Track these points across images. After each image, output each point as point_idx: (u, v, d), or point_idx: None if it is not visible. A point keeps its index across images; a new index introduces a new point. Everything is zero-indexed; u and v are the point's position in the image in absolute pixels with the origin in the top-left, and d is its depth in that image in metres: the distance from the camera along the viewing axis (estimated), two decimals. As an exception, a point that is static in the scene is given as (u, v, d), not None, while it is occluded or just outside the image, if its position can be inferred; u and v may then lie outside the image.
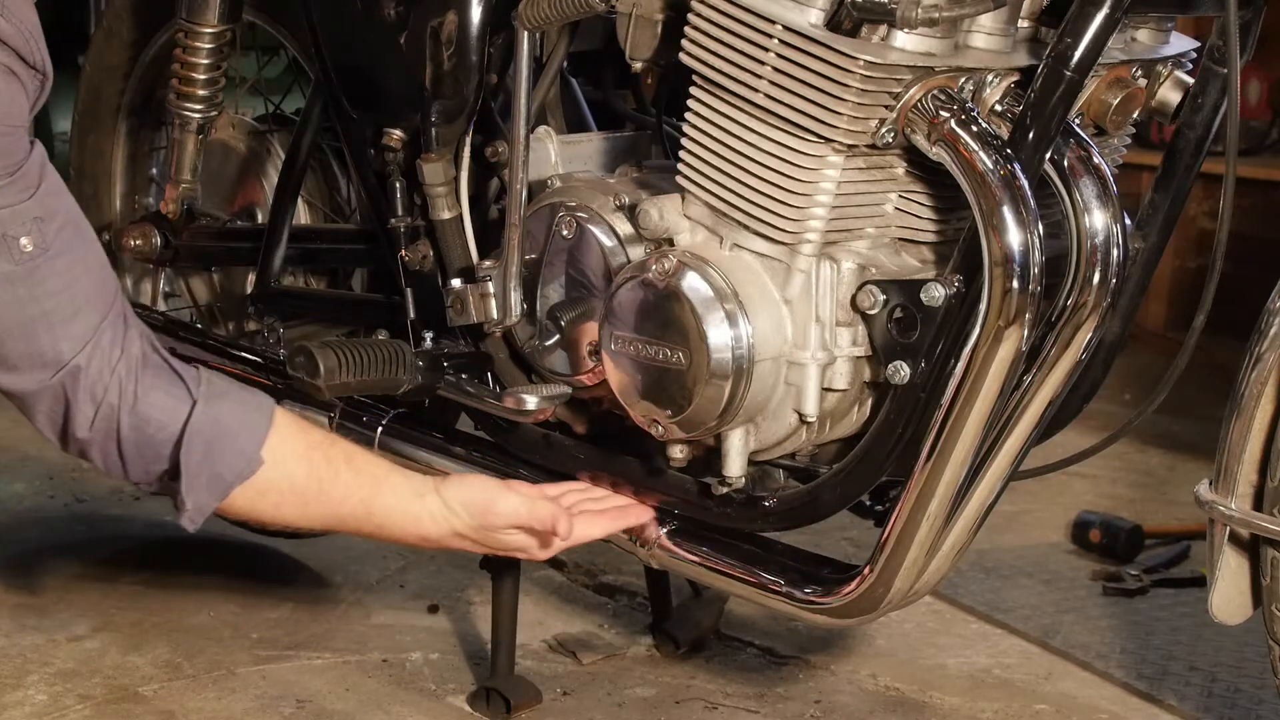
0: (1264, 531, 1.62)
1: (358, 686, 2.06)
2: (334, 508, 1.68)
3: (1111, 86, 1.67)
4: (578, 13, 1.77)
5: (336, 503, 1.67)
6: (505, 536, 1.75)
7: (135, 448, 1.60)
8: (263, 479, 1.63)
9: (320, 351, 1.85)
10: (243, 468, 1.62)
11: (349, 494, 1.67)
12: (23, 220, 1.50)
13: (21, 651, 2.13)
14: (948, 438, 1.60)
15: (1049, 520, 2.73)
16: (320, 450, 1.68)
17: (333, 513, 1.68)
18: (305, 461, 1.66)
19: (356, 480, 1.68)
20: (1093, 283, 1.59)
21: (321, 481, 1.66)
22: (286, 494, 1.65)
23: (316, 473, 1.66)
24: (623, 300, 1.72)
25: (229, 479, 1.62)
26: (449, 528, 1.72)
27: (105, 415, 1.58)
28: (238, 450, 1.62)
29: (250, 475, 1.62)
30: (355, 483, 1.68)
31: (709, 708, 2.03)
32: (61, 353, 1.56)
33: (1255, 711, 2.06)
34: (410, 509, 1.70)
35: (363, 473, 1.69)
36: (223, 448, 1.61)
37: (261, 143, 2.38)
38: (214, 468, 1.61)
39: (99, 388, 1.57)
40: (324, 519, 1.69)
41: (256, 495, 1.64)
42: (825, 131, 1.59)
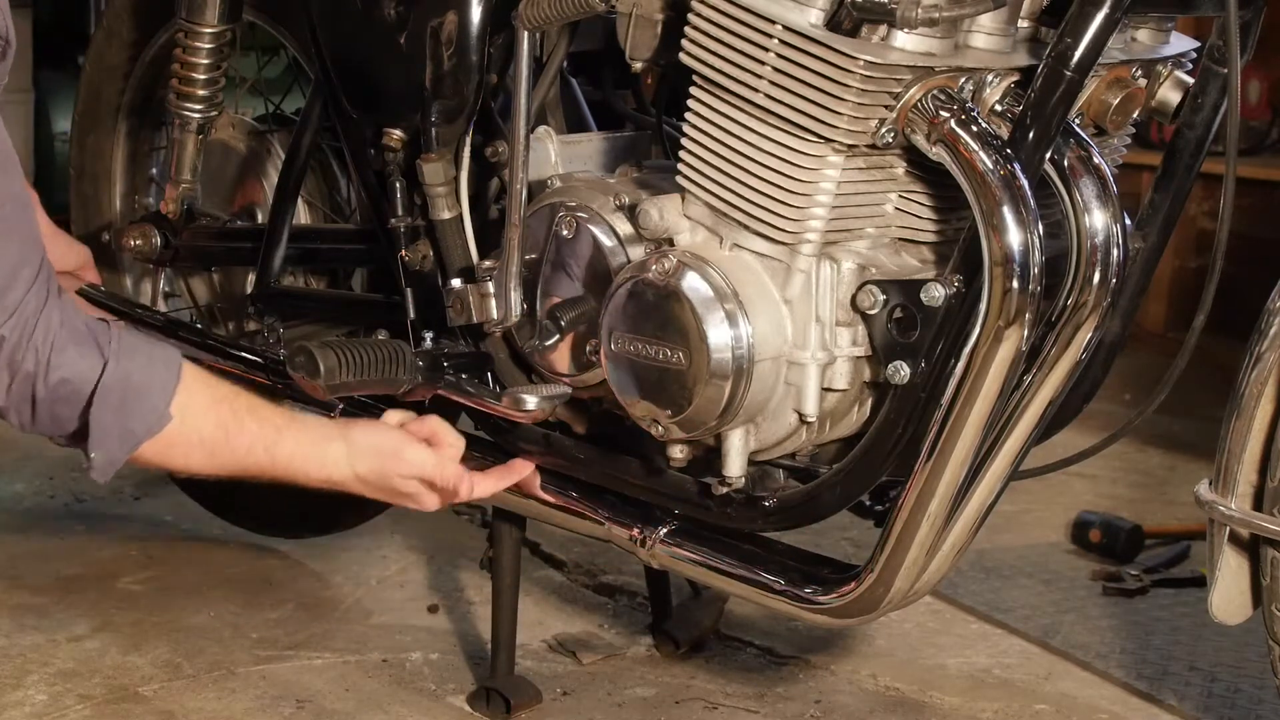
0: (1264, 531, 1.62)
1: (358, 686, 2.06)
2: (239, 457, 1.73)
3: (1111, 86, 1.67)
4: (578, 13, 1.77)
5: (242, 452, 1.73)
6: (404, 485, 1.80)
7: (49, 407, 1.64)
8: (171, 432, 1.68)
9: (320, 351, 1.85)
10: (153, 423, 1.67)
11: (254, 443, 1.73)
12: None
13: (21, 651, 2.13)
14: (948, 438, 1.60)
15: (1049, 520, 2.73)
16: (226, 403, 1.73)
17: (238, 462, 1.74)
18: (212, 414, 1.72)
19: (260, 429, 1.73)
20: (1093, 283, 1.59)
21: (228, 432, 1.72)
22: (194, 446, 1.71)
23: (223, 424, 1.72)
24: (623, 300, 1.71)
25: (139, 434, 1.67)
26: (351, 471, 1.77)
27: (22, 381, 1.62)
28: (149, 407, 1.67)
29: (159, 430, 1.67)
30: (259, 432, 1.73)
31: (709, 708, 2.03)
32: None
33: (1255, 711, 2.06)
34: (314, 453, 1.77)
35: (266, 422, 1.75)
36: (133, 404, 1.66)
37: (261, 143, 2.38)
38: (125, 423, 1.66)
39: (17, 355, 1.60)
40: (230, 467, 1.75)
41: (165, 448, 1.69)
42: (825, 131, 1.59)
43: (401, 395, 1.92)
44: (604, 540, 1.90)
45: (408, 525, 2.61)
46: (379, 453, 1.78)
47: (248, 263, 2.29)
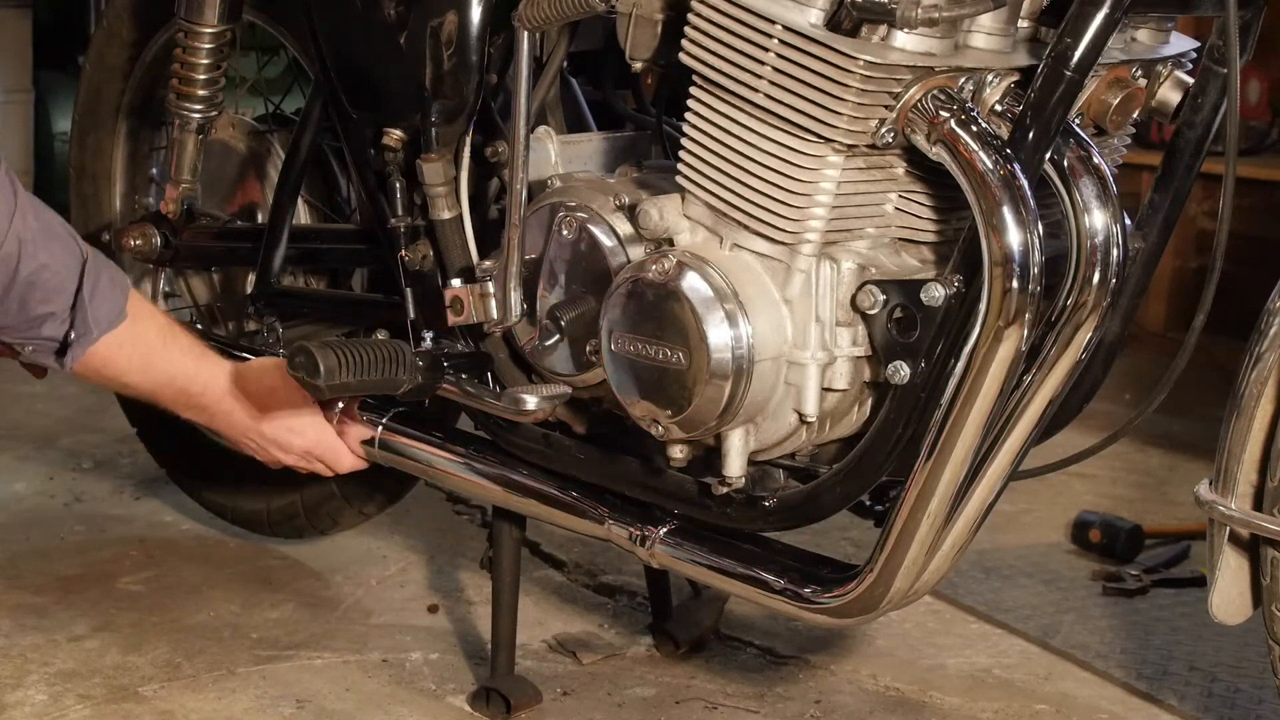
0: (1264, 531, 1.62)
1: (358, 686, 2.06)
2: (171, 366, 1.87)
3: (1111, 86, 1.67)
4: (578, 13, 1.77)
5: (174, 361, 1.87)
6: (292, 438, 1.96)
7: (23, 291, 1.75)
8: (124, 332, 1.82)
9: (320, 351, 1.84)
10: (114, 315, 1.80)
11: (186, 355, 1.88)
12: None
13: (21, 651, 2.13)
14: (948, 438, 1.60)
15: (1049, 520, 2.73)
16: (163, 317, 1.90)
17: (167, 371, 1.87)
18: (154, 320, 1.87)
19: (191, 344, 1.90)
20: (1093, 283, 1.59)
21: (165, 340, 1.87)
22: (139, 349, 1.84)
23: (162, 331, 1.87)
24: (622, 300, 1.72)
25: (102, 324, 1.79)
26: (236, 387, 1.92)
27: (2, 263, 1.72)
28: (113, 300, 1.81)
29: (118, 325, 1.81)
30: (190, 346, 1.89)
31: (709, 708, 2.03)
32: None
33: (1255, 711, 2.06)
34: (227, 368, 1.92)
35: (196, 342, 1.91)
36: (102, 295, 1.79)
37: (261, 143, 2.38)
38: (94, 313, 1.79)
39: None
40: (158, 379, 1.88)
41: (115, 347, 1.81)
42: (825, 131, 1.59)
43: (401, 395, 1.92)
44: (604, 540, 1.90)
45: (408, 525, 2.61)
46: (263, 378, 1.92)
47: (248, 263, 2.29)
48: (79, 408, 3.15)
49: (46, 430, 3.07)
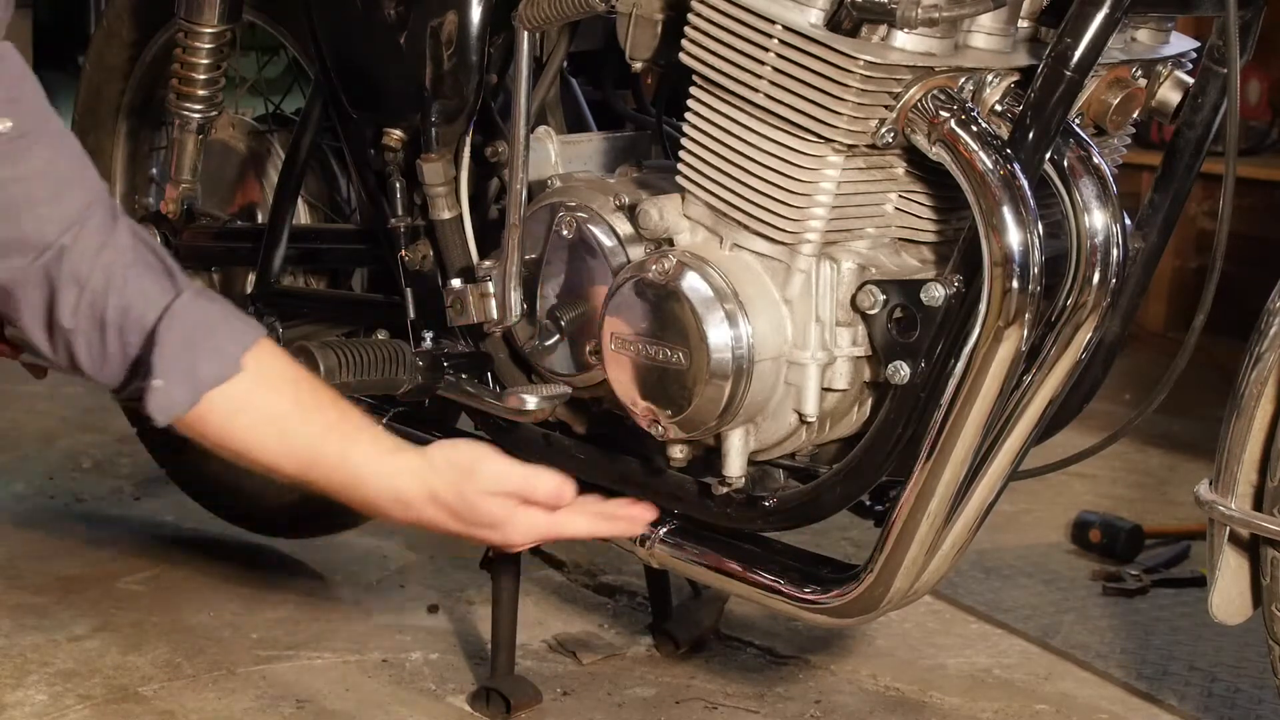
0: (1264, 531, 1.62)
1: (358, 686, 2.06)
2: (311, 443, 1.55)
3: (1111, 86, 1.67)
4: (578, 13, 1.77)
5: (314, 440, 1.55)
6: (488, 505, 1.59)
7: (118, 332, 1.51)
8: (242, 393, 1.52)
9: (320, 351, 1.85)
10: (219, 369, 1.51)
11: (329, 432, 1.55)
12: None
13: (21, 651, 2.13)
14: (948, 438, 1.60)
15: (1049, 520, 2.73)
16: (307, 383, 1.57)
17: (308, 448, 1.55)
18: (291, 386, 1.55)
19: (340, 420, 1.56)
20: (1093, 283, 1.59)
21: (305, 411, 1.55)
22: (263, 418, 1.53)
23: (301, 399, 1.55)
24: (623, 300, 1.72)
25: (205, 378, 1.51)
26: (426, 488, 1.57)
27: (90, 301, 1.50)
28: (216, 347, 1.52)
29: (227, 378, 1.51)
30: (339, 421, 1.56)
31: (709, 708, 2.03)
32: (45, 234, 1.50)
33: (1255, 711, 2.06)
34: (388, 461, 1.57)
35: (347, 416, 1.57)
36: (202, 341, 1.51)
37: (261, 143, 2.38)
38: (192, 359, 1.51)
39: (84, 270, 1.50)
40: (298, 456, 1.56)
41: (233, 411, 1.52)
42: (825, 131, 1.59)
43: (401, 395, 1.92)
44: (604, 540, 1.90)
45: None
46: (456, 466, 1.58)
47: (248, 263, 2.29)
48: (79, 408, 3.15)
49: (46, 430, 3.07)
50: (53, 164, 1.51)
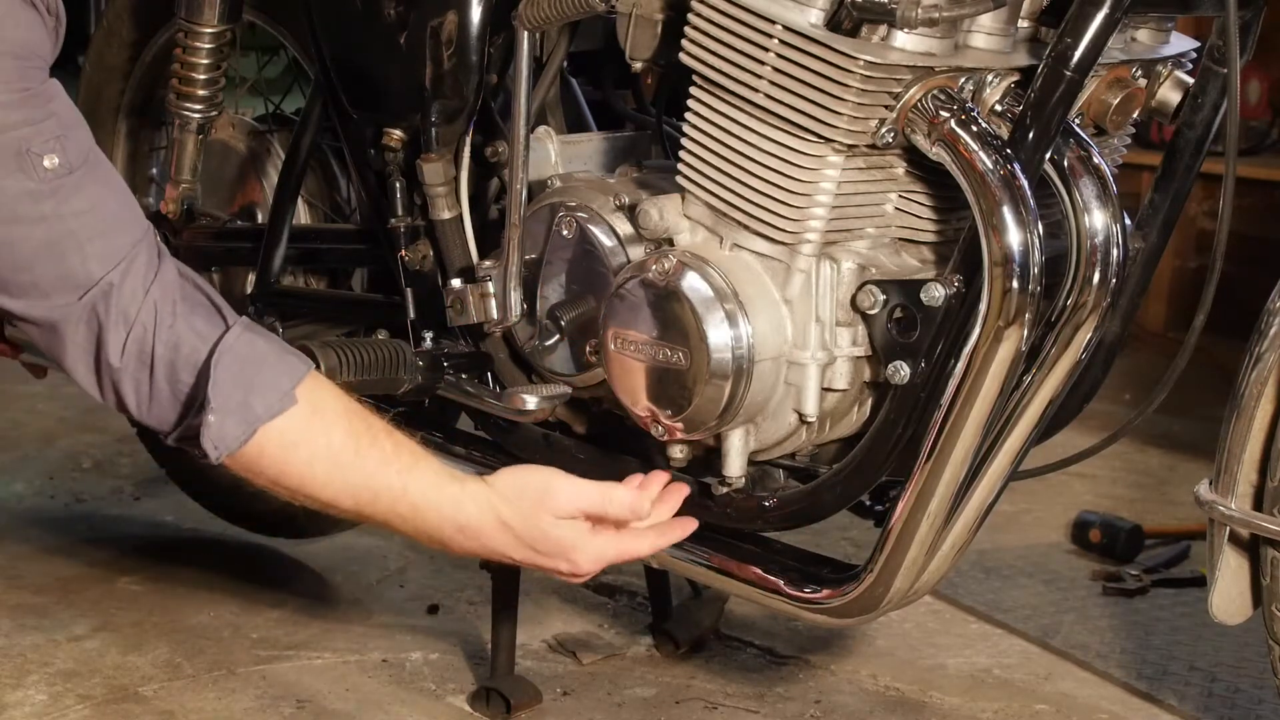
0: (1264, 531, 1.62)
1: (358, 686, 2.06)
2: (368, 477, 1.54)
3: (1111, 86, 1.67)
4: (578, 13, 1.77)
5: (371, 472, 1.54)
6: (557, 530, 1.58)
7: (168, 370, 1.50)
8: (297, 427, 1.51)
9: (320, 351, 1.85)
10: (274, 402, 1.50)
11: (387, 464, 1.54)
12: (45, 138, 1.47)
13: (21, 651, 2.13)
14: (948, 438, 1.60)
15: (1049, 520, 2.73)
16: (360, 415, 1.56)
17: (366, 483, 1.54)
18: (344, 419, 1.54)
19: (396, 451, 1.55)
20: (1093, 283, 1.59)
21: (359, 443, 1.53)
22: (321, 451, 1.52)
23: (355, 432, 1.54)
24: (623, 300, 1.71)
25: (259, 410, 1.50)
26: (493, 515, 1.56)
27: (138, 338, 1.49)
28: (271, 382, 1.51)
29: (281, 412, 1.50)
30: (395, 453, 1.55)
31: (709, 708, 2.03)
32: (91, 271, 1.49)
33: (1255, 711, 2.06)
34: (450, 490, 1.56)
35: (402, 446, 1.56)
36: (256, 375, 1.50)
37: (261, 143, 2.38)
38: (245, 394, 1.50)
39: (132, 308, 1.49)
40: (355, 490, 1.54)
41: (289, 445, 1.51)
42: (825, 131, 1.59)
43: (401, 395, 1.92)
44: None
45: (408, 525, 2.61)
46: (524, 491, 1.57)
47: (248, 263, 2.29)
48: (79, 408, 3.15)
49: (46, 430, 3.07)
50: (100, 202, 1.51)
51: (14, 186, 1.46)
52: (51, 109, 1.49)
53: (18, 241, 1.47)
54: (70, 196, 1.49)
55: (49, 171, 1.47)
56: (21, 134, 1.46)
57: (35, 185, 1.47)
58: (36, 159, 1.46)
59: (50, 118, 1.48)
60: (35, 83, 1.48)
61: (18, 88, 1.45)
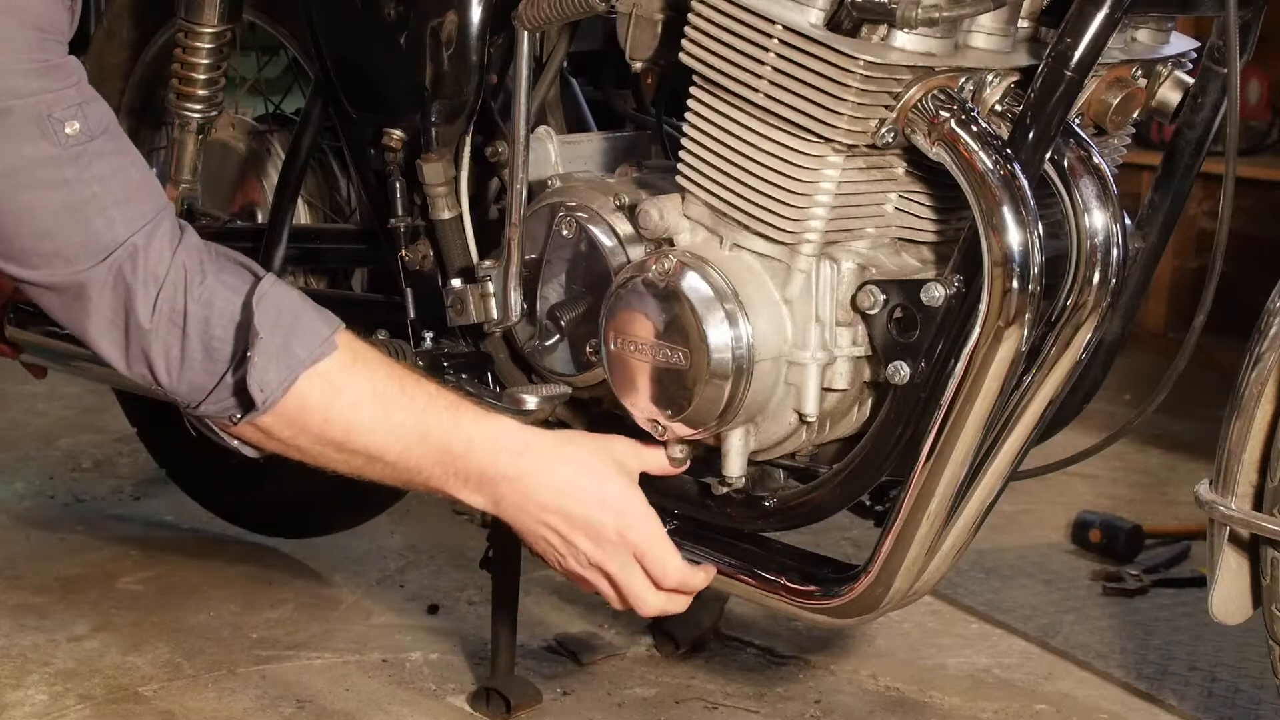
0: (1264, 531, 1.62)
1: (358, 686, 2.06)
2: (418, 414, 1.49)
3: (1111, 86, 1.67)
4: (578, 13, 1.77)
5: (421, 408, 1.49)
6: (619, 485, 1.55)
7: (202, 328, 1.47)
8: (340, 370, 1.47)
9: (320, 351, 1.84)
10: (315, 347, 1.47)
11: (435, 401, 1.50)
12: (66, 105, 1.47)
13: (22, 651, 2.13)
14: (948, 438, 1.60)
15: (1049, 520, 2.73)
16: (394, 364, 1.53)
17: (416, 421, 1.48)
18: (384, 364, 1.51)
19: (440, 390, 1.52)
20: (1093, 283, 1.59)
21: (405, 383, 1.50)
22: (366, 394, 1.47)
23: (397, 375, 1.51)
24: (622, 300, 1.71)
25: (301, 356, 1.46)
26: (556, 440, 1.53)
27: (169, 297, 1.46)
28: (310, 328, 1.48)
29: (325, 356, 1.47)
30: (439, 392, 1.52)
31: (709, 708, 2.03)
32: (117, 233, 1.47)
33: (1255, 711, 2.06)
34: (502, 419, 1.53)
35: (445, 388, 1.54)
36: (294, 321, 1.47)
37: (261, 143, 2.38)
38: (286, 338, 1.46)
39: (160, 268, 1.46)
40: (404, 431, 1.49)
41: (333, 391, 1.47)
42: (825, 131, 1.59)
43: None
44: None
45: (408, 525, 2.61)
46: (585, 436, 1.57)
47: (248, 263, 2.29)
48: (79, 408, 3.15)
49: (46, 430, 3.07)
50: (122, 169, 1.50)
51: (35, 152, 1.45)
52: (72, 80, 1.49)
53: (39, 208, 1.46)
54: (93, 162, 1.47)
55: (70, 138, 1.46)
56: (43, 99, 1.45)
57: (57, 151, 1.45)
58: (58, 124, 1.45)
59: (70, 87, 1.48)
60: (55, 55, 1.48)
61: (38, 58, 1.46)
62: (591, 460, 1.55)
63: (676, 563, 1.55)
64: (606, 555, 1.55)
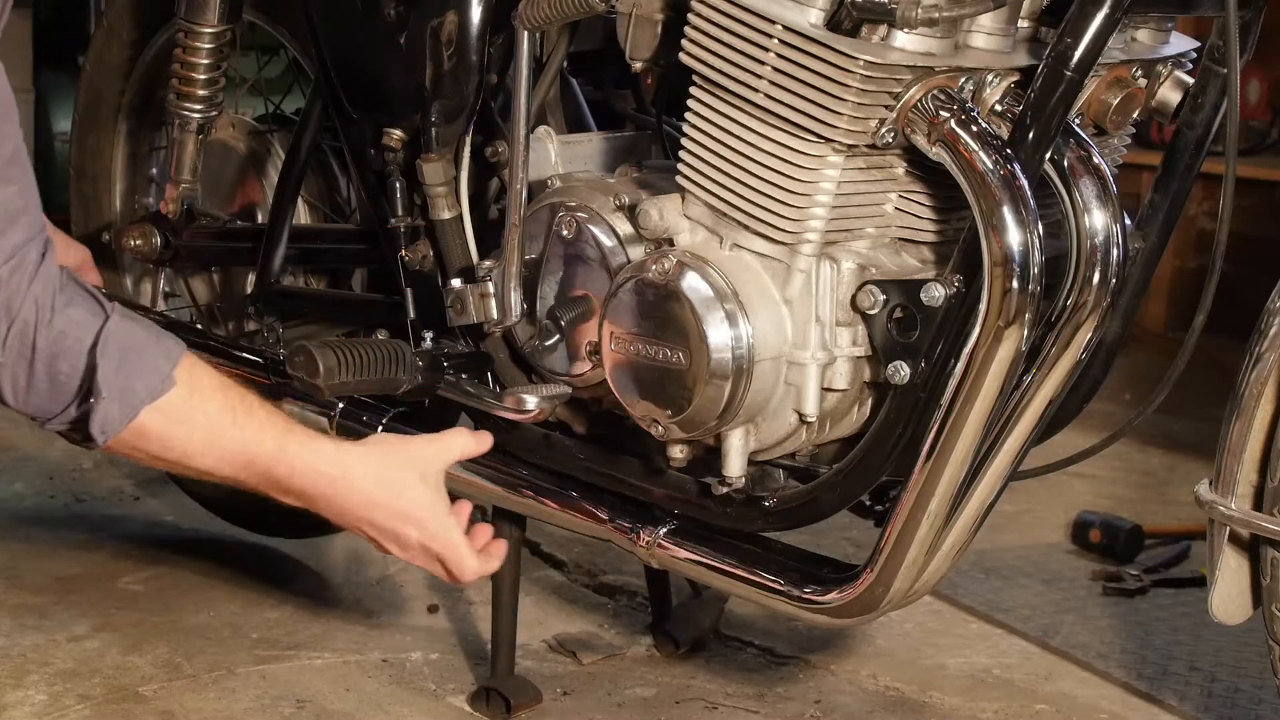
0: (1264, 531, 1.62)
1: (358, 686, 2.06)
2: (244, 445, 1.62)
3: (1111, 86, 1.67)
4: (578, 13, 1.77)
5: (248, 439, 1.62)
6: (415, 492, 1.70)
7: (48, 362, 1.54)
8: (177, 404, 1.58)
9: (320, 351, 1.85)
10: (155, 385, 1.57)
11: (262, 430, 1.63)
12: None
13: (22, 651, 2.13)
14: (948, 438, 1.60)
15: (1049, 520, 2.73)
16: (234, 389, 1.64)
17: (243, 450, 1.63)
18: (219, 394, 1.62)
19: (270, 419, 1.64)
20: (1093, 283, 1.59)
21: (236, 415, 1.62)
22: (198, 427, 1.60)
23: (230, 407, 1.62)
24: (623, 300, 1.72)
25: (140, 394, 1.57)
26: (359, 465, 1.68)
27: (19, 333, 1.53)
28: (150, 366, 1.58)
29: (163, 394, 1.57)
30: (269, 420, 1.64)
31: (709, 708, 2.03)
32: None
33: (1255, 711, 2.06)
34: (322, 445, 1.68)
35: (275, 414, 1.67)
36: (136, 361, 1.57)
37: (261, 143, 2.38)
38: (127, 379, 1.56)
39: (15, 302, 1.52)
40: (233, 456, 1.63)
41: (170, 422, 1.59)
42: (825, 131, 1.59)
43: (401, 395, 1.92)
44: (604, 540, 1.90)
45: (408, 525, 2.61)
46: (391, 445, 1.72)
47: (248, 263, 2.29)
48: (79, 408, 3.15)
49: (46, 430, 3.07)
50: (8, 200, 1.52)
51: None
52: None
53: None
54: None
55: None
56: None
57: None
58: None
59: None
60: None
61: None
62: (396, 475, 1.70)
63: (472, 563, 1.72)
64: (413, 557, 1.73)
